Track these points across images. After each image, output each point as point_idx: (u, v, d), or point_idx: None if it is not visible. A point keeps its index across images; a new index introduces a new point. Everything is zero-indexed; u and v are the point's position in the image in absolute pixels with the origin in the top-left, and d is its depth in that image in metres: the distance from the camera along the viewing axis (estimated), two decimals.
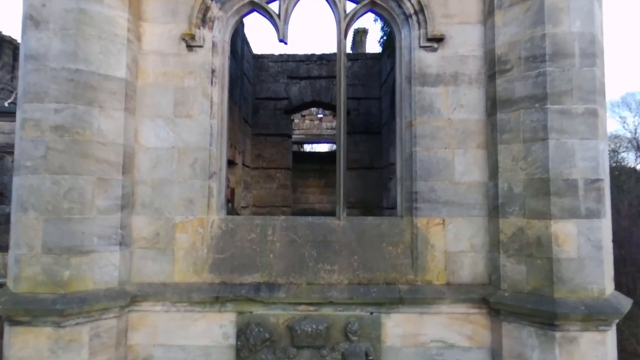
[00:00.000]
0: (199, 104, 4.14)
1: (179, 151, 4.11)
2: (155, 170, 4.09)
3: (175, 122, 4.13)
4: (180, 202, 4.07)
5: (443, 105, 4.12)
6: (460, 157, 4.08)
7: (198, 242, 4.06)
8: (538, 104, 3.62)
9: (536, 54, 3.66)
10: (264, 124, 9.87)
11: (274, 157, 9.89)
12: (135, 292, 3.87)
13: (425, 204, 4.05)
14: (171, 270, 4.03)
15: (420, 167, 4.07)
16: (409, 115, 4.19)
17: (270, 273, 4.04)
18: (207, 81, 4.17)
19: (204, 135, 4.13)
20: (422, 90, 4.13)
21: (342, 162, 4.33)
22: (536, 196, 3.59)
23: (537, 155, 3.61)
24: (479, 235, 4.02)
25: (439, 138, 4.09)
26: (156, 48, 4.18)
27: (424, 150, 4.09)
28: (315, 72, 9.96)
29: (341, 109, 4.37)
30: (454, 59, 4.15)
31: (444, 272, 4.00)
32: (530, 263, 3.60)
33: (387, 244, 4.15)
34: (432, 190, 4.06)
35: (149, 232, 4.05)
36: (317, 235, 4.21)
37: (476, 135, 4.09)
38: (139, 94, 4.13)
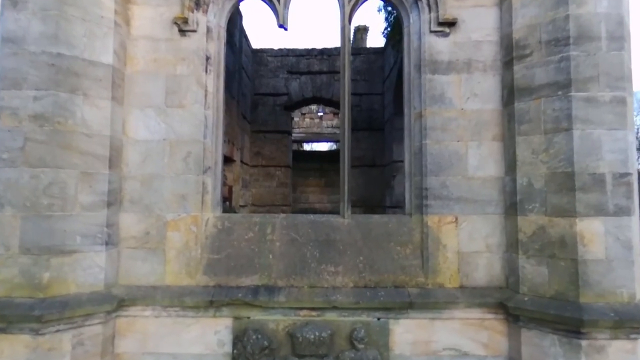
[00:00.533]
0: (192, 93, 3.84)
1: (170, 144, 3.81)
2: (145, 164, 3.79)
3: (167, 113, 3.83)
4: (172, 198, 3.77)
5: (455, 95, 3.82)
6: (474, 150, 3.78)
7: (191, 241, 3.76)
8: (561, 92, 3.33)
9: (559, 37, 3.36)
10: (263, 120, 9.58)
11: (274, 155, 9.59)
12: (123, 295, 3.57)
13: (437, 201, 3.76)
14: (162, 272, 3.73)
15: (430, 162, 3.78)
16: (419, 105, 3.89)
17: (270, 275, 3.75)
18: (201, 69, 3.87)
19: (197, 126, 3.83)
20: (433, 79, 3.84)
21: (346, 157, 4.04)
22: (559, 192, 3.29)
23: (560, 147, 3.31)
24: (495, 234, 3.73)
25: (450, 130, 3.80)
26: (146, 33, 3.88)
27: (434, 143, 3.79)
28: (316, 67, 9.67)
29: (345, 100, 4.07)
30: (467, 45, 3.86)
31: (457, 274, 3.71)
32: (552, 265, 3.30)
33: (395, 243, 3.85)
34: (444, 186, 3.76)
35: (139, 231, 3.75)
36: (320, 234, 3.91)
37: (491, 126, 3.80)
38: (128, 82, 3.84)
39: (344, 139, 4.05)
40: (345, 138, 4.04)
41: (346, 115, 4.06)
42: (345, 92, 4.05)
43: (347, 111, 4.06)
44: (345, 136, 4.04)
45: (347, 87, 4.07)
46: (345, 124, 4.06)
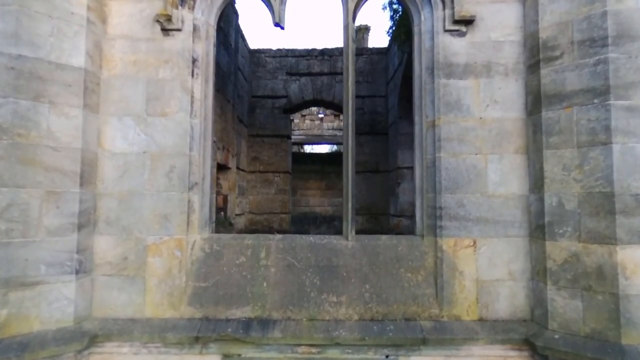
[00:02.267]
0: (176, 99, 3.41)
1: (152, 157, 3.37)
2: (123, 180, 3.36)
3: (148, 122, 3.40)
4: (154, 218, 3.34)
5: (473, 102, 3.39)
6: (495, 164, 3.35)
7: (175, 267, 3.33)
8: (597, 99, 2.89)
9: (594, 37, 2.93)
10: (261, 124, 9.14)
11: (272, 160, 9.15)
12: (97, 330, 3.14)
13: (452, 222, 3.32)
14: (142, 303, 3.30)
15: (445, 177, 3.34)
16: (432, 113, 3.46)
17: (264, 306, 3.31)
18: (186, 72, 3.44)
19: (182, 137, 3.40)
20: (448, 84, 3.40)
21: (350, 166, 3.60)
22: (596, 215, 2.86)
23: (597, 163, 2.87)
24: (519, 259, 3.29)
25: (468, 141, 3.36)
26: (125, 32, 3.45)
27: (450, 156, 3.35)
28: (317, 68, 9.23)
29: (349, 104, 3.64)
30: (486, 46, 3.42)
31: (476, 305, 3.27)
32: (588, 299, 2.86)
33: (405, 269, 3.42)
34: (461, 204, 3.33)
35: (115, 256, 3.32)
36: (321, 259, 3.47)
37: (514, 137, 3.36)
38: (104, 88, 3.40)
39: (348, 150, 3.61)
40: (349, 147, 3.60)
41: (350, 124, 3.63)
42: (349, 97, 3.62)
43: (351, 119, 3.62)
44: (349, 147, 3.60)
45: (350, 91, 3.64)
46: (349, 131, 3.62)
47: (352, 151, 3.64)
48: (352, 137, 3.62)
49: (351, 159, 3.64)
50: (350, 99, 3.63)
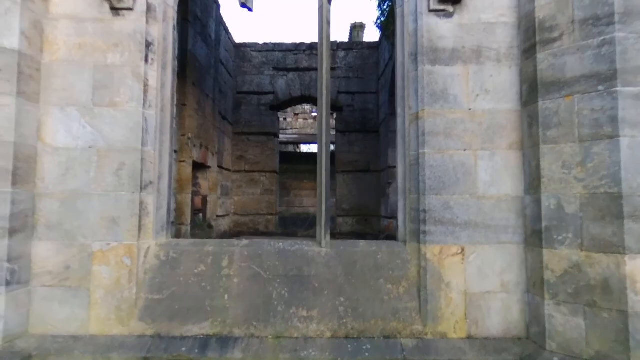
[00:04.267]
0: (127, 87, 3.02)
1: (99, 153, 2.98)
2: (66, 178, 2.97)
3: (95, 113, 3.01)
4: (101, 222, 2.95)
5: (461, 91, 3.01)
6: (486, 161, 2.97)
7: (124, 277, 2.94)
8: (602, 86, 2.51)
9: (599, 14, 2.55)
10: (247, 121, 8.75)
11: (258, 159, 8.76)
12: (32, 350, 2.75)
13: (438, 227, 2.94)
14: (86, 318, 2.91)
15: (430, 176, 2.96)
16: (415, 105, 3.08)
17: (224, 321, 2.93)
18: (139, 57, 3.05)
19: (134, 130, 3.01)
20: (433, 71, 3.02)
21: (323, 164, 3.21)
22: (601, 219, 2.48)
23: (602, 159, 2.49)
24: (513, 269, 2.91)
25: (456, 136, 2.98)
26: (70, 11, 3.06)
27: (435, 153, 2.97)
28: (305, 63, 8.84)
29: (323, 95, 3.25)
30: (476, 28, 3.04)
31: (464, 320, 2.89)
32: (592, 316, 2.48)
33: (385, 280, 3.03)
34: (447, 207, 2.95)
35: (57, 264, 2.93)
36: (290, 268, 3.09)
37: (507, 131, 2.98)
38: (45, 74, 3.01)
39: (322, 146, 3.23)
40: (323, 145, 3.21)
41: (324, 117, 3.24)
42: (324, 87, 3.23)
43: (326, 111, 3.23)
44: (323, 143, 3.22)
45: (325, 80, 3.25)
46: (323, 127, 3.24)
47: (327, 147, 3.25)
48: (325, 132, 3.24)
49: (325, 156, 3.25)
50: (325, 90, 3.25)
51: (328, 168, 3.22)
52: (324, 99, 3.23)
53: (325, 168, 3.20)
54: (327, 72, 3.26)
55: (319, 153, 3.26)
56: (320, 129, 3.24)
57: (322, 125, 3.20)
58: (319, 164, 3.23)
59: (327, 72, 3.27)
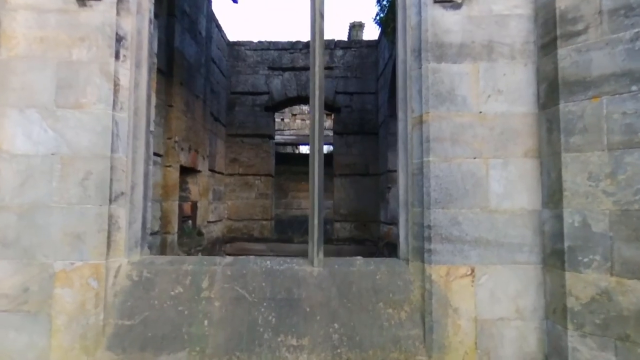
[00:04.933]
0: (95, 87, 2.68)
1: (62, 160, 2.65)
2: (25, 189, 2.63)
3: (58, 116, 2.67)
4: (64, 239, 2.61)
5: (471, 92, 2.67)
6: (499, 170, 2.63)
7: (90, 301, 2.60)
8: (637, 86, 2.18)
9: (631, 3, 2.22)
10: (241, 122, 8.41)
11: (253, 162, 8.42)
12: None
13: (444, 244, 2.61)
14: (46, 346, 2.57)
15: (436, 187, 2.62)
16: (419, 107, 2.74)
17: (203, 350, 2.59)
18: (107, 53, 2.71)
19: (102, 135, 2.67)
20: (439, 69, 2.69)
21: (316, 169, 2.87)
22: (635, 240, 2.15)
23: (637, 171, 2.16)
24: (529, 293, 2.58)
25: (464, 142, 2.65)
26: (30, 0, 2.72)
27: (442, 161, 2.64)
28: (301, 62, 8.51)
29: (315, 94, 2.91)
30: (487, 21, 2.71)
31: (474, 351, 2.55)
32: (625, 352, 2.15)
33: (385, 304, 2.69)
34: (455, 222, 2.61)
35: (14, 286, 2.59)
36: (279, 290, 2.75)
37: (523, 137, 2.65)
38: (2, 71, 2.68)
39: (315, 150, 2.89)
40: (315, 149, 2.87)
41: (317, 115, 2.90)
42: (316, 85, 2.89)
43: (318, 108, 2.89)
44: (315, 146, 2.87)
45: (318, 78, 2.91)
46: (316, 128, 2.89)
47: (320, 155, 2.91)
48: (318, 134, 2.90)
49: (318, 166, 2.91)
50: (317, 89, 2.91)
51: (321, 178, 2.88)
52: (316, 100, 2.89)
53: (318, 178, 2.86)
54: (320, 69, 2.92)
55: (311, 161, 2.92)
56: (312, 134, 2.90)
57: (315, 130, 2.86)
58: (311, 174, 2.89)
59: (320, 69, 2.93)
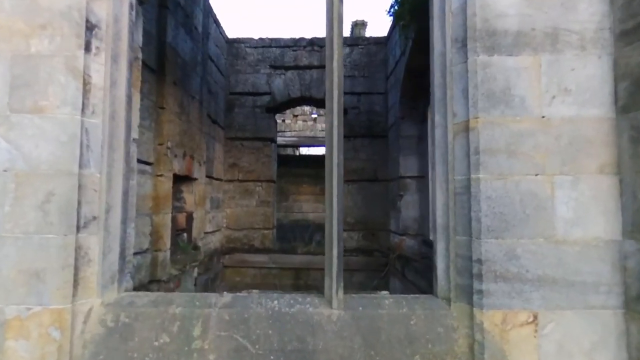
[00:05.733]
0: (58, 86, 2.14)
1: (17, 179, 2.10)
2: None
3: (12, 122, 2.13)
4: (18, 277, 2.07)
5: (531, 91, 2.14)
6: (567, 190, 2.09)
7: (51, 356, 2.06)
8: None
9: None
10: (241, 125, 7.87)
11: (253, 167, 7.88)
12: None
13: (500, 284, 2.07)
14: None
15: (488, 212, 2.08)
16: (464, 111, 2.20)
17: None
18: (75, 44, 2.17)
19: (68, 146, 2.13)
20: (491, 63, 2.15)
21: (335, 183, 2.32)
22: None
23: None
24: (607, 346, 2.04)
25: (523, 154, 2.11)
26: None
27: (495, 179, 2.10)
28: (305, 60, 7.98)
29: (334, 94, 2.36)
30: (550, 3, 2.17)
31: None
32: None
33: (422, 357, 2.15)
34: (513, 256, 2.07)
35: None
36: (289, 339, 2.21)
37: (597, 148, 2.11)
38: None
39: (333, 160, 2.34)
40: (334, 159, 2.33)
41: (335, 119, 2.36)
42: (334, 84, 2.35)
43: (337, 111, 2.35)
44: (334, 154, 2.33)
45: (337, 76, 2.36)
46: (335, 136, 2.35)
47: (339, 167, 2.37)
48: (337, 141, 2.35)
49: (337, 177, 2.36)
50: (336, 88, 2.36)
51: (341, 197, 2.33)
52: (334, 101, 2.35)
53: (338, 198, 2.31)
54: (338, 63, 2.38)
55: (328, 176, 2.37)
56: (330, 142, 2.35)
57: (334, 139, 2.32)
58: (328, 191, 2.34)
59: (339, 63, 2.38)
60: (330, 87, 2.38)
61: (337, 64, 2.35)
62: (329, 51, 2.40)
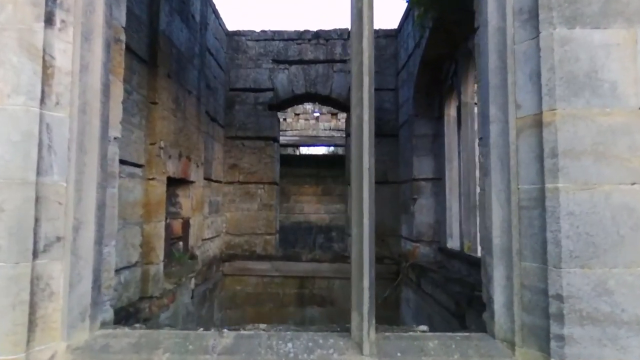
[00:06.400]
0: (9, 69, 1.65)
1: None
2: None
3: None
4: None
5: (624, 75, 1.64)
6: None
7: None
8: None
9: None
10: (241, 123, 7.37)
11: (255, 168, 7.38)
12: None
13: (587, 327, 1.58)
14: None
15: (570, 232, 1.59)
16: (533, 101, 1.72)
17: None
18: (32, 15, 1.68)
19: (21, 147, 1.64)
20: (571, 38, 1.66)
21: (366, 209, 1.83)
22: None
23: None
24: None
25: (616, 157, 1.62)
26: None
27: (579, 189, 1.61)
28: (310, 54, 7.48)
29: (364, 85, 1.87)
30: None
31: None
32: None
33: None
34: (604, 290, 1.58)
35: None
36: None
37: None
38: None
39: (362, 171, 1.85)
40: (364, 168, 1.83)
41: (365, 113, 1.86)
42: (365, 57, 1.85)
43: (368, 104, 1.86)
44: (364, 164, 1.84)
45: (367, 45, 1.87)
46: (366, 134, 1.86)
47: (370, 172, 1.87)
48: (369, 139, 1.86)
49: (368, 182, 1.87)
50: (367, 74, 1.87)
51: (372, 217, 1.84)
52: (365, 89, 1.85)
53: (369, 217, 1.82)
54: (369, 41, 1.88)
55: (355, 173, 1.88)
56: (359, 144, 1.86)
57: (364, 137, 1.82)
58: (356, 205, 1.85)
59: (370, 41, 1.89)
60: (358, 72, 1.88)
61: (367, 42, 1.86)
62: (356, 25, 1.90)
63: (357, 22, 1.92)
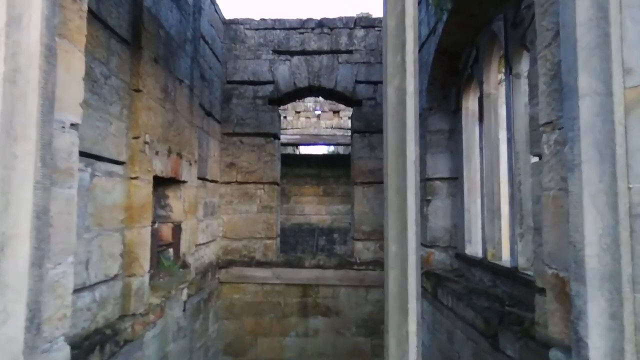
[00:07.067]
0: None
1: None
2: None
3: None
4: None
5: None
6: None
7: None
8: None
9: None
10: (240, 118, 6.84)
11: (254, 167, 6.85)
12: None
13: None
14: None
15: None
16: (610, 77, 1.18)
17: None
18: None
19: None
20: None
21: (411, 224, 1.30)
22: None
23: None
24: None
25: None
26: None
27: None
28: (313, 44, 6.95)
29: (407, 46, 1.34)
30: None
31: None
32: None
33: None
34: None
35: None
36: None
37: None
38: None
39: (407, 167, 1.32)
40: (411, 167, 1.30)
41: (411, 107, 1.33)
42: (408, 21, 1.32)
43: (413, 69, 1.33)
44: (411, 160, 1.31)
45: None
46: (412, 132, 1.33)
47: (415, 165, 1.34)
48: (414, 120, 1.33)
49: (414, 179, 1.34)
50: (411, 30, 1.34)
51: (419, 222, 1.31)
52: (408, 52, 1.32)
53: (416, 220, 1.29)
54: None
55: (394, 177, 1.35)
56: (400, 126, 1.33)
57: (411, 129, 1.30)
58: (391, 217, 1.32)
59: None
60: (397, 27, 1.35)
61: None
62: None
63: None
